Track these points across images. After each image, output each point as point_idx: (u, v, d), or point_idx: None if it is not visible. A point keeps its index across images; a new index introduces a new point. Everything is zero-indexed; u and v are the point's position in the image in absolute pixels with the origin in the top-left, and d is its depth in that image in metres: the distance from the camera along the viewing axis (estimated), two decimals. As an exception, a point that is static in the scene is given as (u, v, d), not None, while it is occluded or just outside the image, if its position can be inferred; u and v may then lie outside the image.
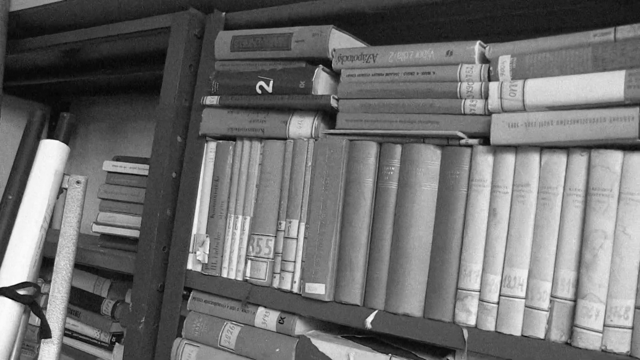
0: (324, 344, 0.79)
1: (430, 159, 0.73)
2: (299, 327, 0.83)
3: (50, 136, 0.92)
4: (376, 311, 0.75)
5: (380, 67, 0.77)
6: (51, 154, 0.90)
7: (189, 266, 0.93)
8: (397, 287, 0.74)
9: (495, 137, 0.68)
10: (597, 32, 0.65)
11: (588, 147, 0.65)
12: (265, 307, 0.85)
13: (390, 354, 0.75)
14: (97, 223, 1.16)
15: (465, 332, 0.69)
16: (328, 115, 0.83)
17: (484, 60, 0.72)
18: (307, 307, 0.80)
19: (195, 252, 0.93)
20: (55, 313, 0.88)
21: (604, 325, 0.63)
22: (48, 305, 0.88)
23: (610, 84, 0.62)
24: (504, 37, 0.70)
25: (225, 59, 0.92)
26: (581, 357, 0.63)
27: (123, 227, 1.14)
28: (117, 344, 1.17)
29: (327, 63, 0.83)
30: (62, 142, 0.92)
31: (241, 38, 0.90)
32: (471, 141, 0.71)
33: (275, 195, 0.85)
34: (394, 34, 0.91)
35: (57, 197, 0.91)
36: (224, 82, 0.91)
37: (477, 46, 0.71)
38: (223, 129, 0.91)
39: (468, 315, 0.69)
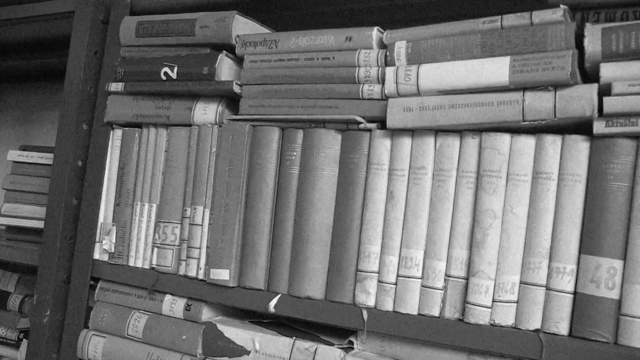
0: (230, 330, 0.79)
1: (330, 143, 0.74)
2: (206, 314, 0.83)
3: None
4: (279, 295, 0.76)
5: (282, 53, 0.78)
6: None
7: (96, 256, 0.92)
8: (300, 270, 0.74)
9: (391, 121, 0.69)
10: (486, 20, 0.67)
11: (479, 130, 0.67)
12: (172, 294, 0.85)
13: (294, 337, 0.76)
14: (1, 215, 1.12)
15: (364, 313, 0.70)
16: (233, 101, 0.83)
17: (382, 46, 0.73)
18: (212, 293, 0.80)
19: (101, 242, 0.91)
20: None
21: (493, 301, 0.65)
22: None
23: (496, 69, 0.64)
24: (403, 25, 0.72)
25: (130, 45, 0.91)
26: (472, 332, 0.65)
27: (30, 218, 1.10)
28: (24, 340, 1.13)
29: (231, 49, 0.82)
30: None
31: (146, 24, 0.89)
32: (369, 125, 0.72)
33: (181, 182, 0.85)
34: (299, 20, 0.92)
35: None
36: (129, 69, 0.89)
37: (375, 32, 0.73)
38: (129, 116, 0.89)
39: (367, 296, 0.71)
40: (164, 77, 0.85)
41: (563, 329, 0.63)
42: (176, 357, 0.81)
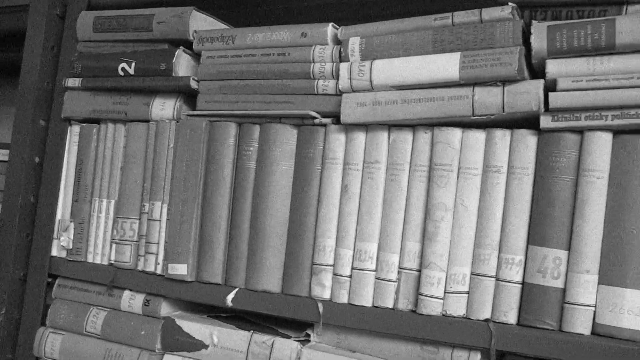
0: (188, 324, 0.79)
1: (286, 138, 0.75)
2: (165, 309, 0.83)
3: None
4: (237, 289, 0.76)
5: (239, 49, 0.78)
6: None
7: (54, 252, 0.91)
8: (257, 264, 0.75)
9: (345, 116, 0.70)
10: (438, 17, 0.68)
11: (431, 125, 0.68)
12: (130, 290, 0.84)
13: (252, 331, 0.76)
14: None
15: (320, 305, 0.71)
16: (190, 97, 0.83)
17: (337, 42, 0.74)
18: (171, 288, 0.80)
19: (59, 238, 0.90)
20: None
21: (445, 292, 0.67)
22: None
23: (447, 65, 0.65)
24: (357, 22, 0.73)
25: (88, 40, 0.90)
26: (425, 323, 0.67)
27: (-13, 215, 1.09)
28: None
29: (189, 45, 0.83)
30: None
31: (103, 19, 0.88)
32: (324, 120, 0.73)
33: (139, 177, 0.84)
34: (257, 16, 0.92)
35: None
36: (86, 64, 0.89)
37: (329, 28, 0.73)
38: (86, 111, 0.89)
39: (323, 289, 0.72)
40: (121, 73, 0.85)
41: (512, 318, 0.65)
42: (135, 353, 0.81)
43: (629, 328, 0.60)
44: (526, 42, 0.64)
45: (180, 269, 0.79)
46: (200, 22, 0.83)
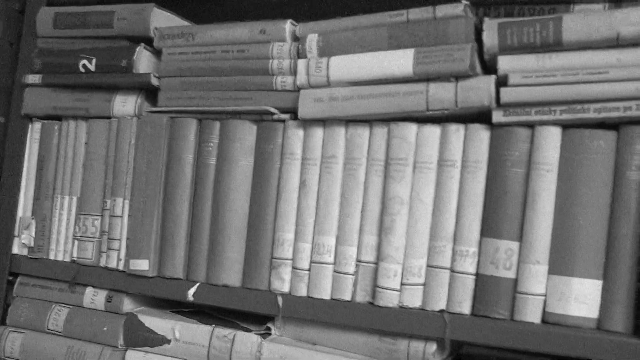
0: (150, 320, 0.80)
1: (246, 134, 0.76)
2: (128, 305, 0.83)
3: None
4: (198, 284, 0.77)
5: (199, 46, 0.79)
6: None
7: (15, 250, 0.91)
8: (217, 259, 0.76)
9: (303, 112, 0.71)
10: (393, 14, 0.69)
11: (387, 120, 0.69)
12: (93, 286, 0.84)
13: (213, 325, 0.77)
14: None
15: (279, 299, 0.72)
16: (152, 94, 0.84)
17: (295, 38, 0.75)
18: (133, 283, 0.80)
19: (20, 236, 0.90)
20: None
21: (401, 284, 0.68)
22: None
23: (401, 61, 0.67)
24: (316, 19, 0.74)
25: (48, 36, 0.90)
26: (382, 314, 0.68)
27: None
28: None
29: (149, 41, 0.83)
30: None
31: (63, 15, 0.88)
32: (283, 116, 0.74)
33: (101, 174, 0.84)
34: (218, 13, 0.92)
35: None
36: (46, 60, 0.89)
37: (288, 25, 0.74)
38: (47, 108, 0.89)
39: (282, 282, 0.73)
40: (82, 69, 0.85)
41: (466, 308, 0.66)
42: (97, 349, 0.82)
43: (576, 315, 0.62)
44: (479, 39, 0.66)
45: (141, 265, 0.79)
46: (161, 19, 0.83)
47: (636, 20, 0.59)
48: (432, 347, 0.67)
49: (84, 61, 0.85)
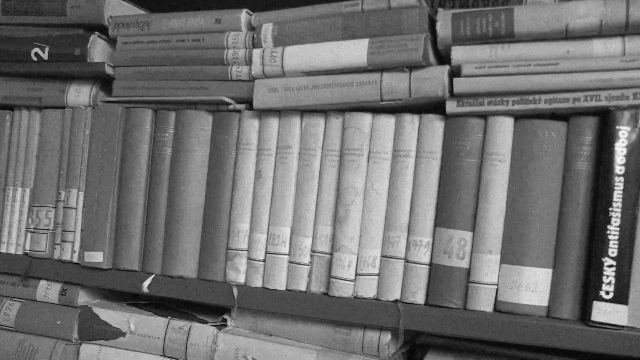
0: (105, 312, 0.79)
1: (201, 124, 0.75)
2: (83, 298, 0.82)
3: None
4: (153, 275, 0.76)
5: (154, 35, 0.77)
6: None
7: (-34, 244, 0.88)
8: (172, 250, 0.75)
9: (258, 102, 0.70)
10: (348, 3, 0.69)
11: (342, 110, 0.69)
12: (46, 279, 0.83)
13: (169, 317, 0.76)
14: None
15: (235, 290, 0.72)
16: (107, 83, 0.82)
17: (251, 28, 0.74)
18: (87, 276, 0.79)
19: (-28, 228, 0.88)
20: None
21: (356, 274, 0.68)
22: None
23: (356, 51, 0.66)
24: (272, 8, 0.73)
25: (-2, 24, 0.88)
26: (337, 305, 0.68)
27: None
28: None
29: (104, 30, 0.81)
30: None
31: (14, 1, 0.86)
32: (238, 106, 0.73)
33: (55, 165, 0.83)
34: (174, 1, 0.91)
35: None
36: (-3, 49, 0.87)
37: (243, 14, 0.74)
38: (-1, 97, 0.87)
39: (238, 274, 0.72)
40: (34, 58, 0.83)
41: (420, 298, 0.66)
42: (50, 343, 0.80)
43: (526, 304, 0.63)
44: (434, 30, 0.66)
45: (96, 257, 0.78)
46: (115, 7, 0.82)
47: (583, 13, 0.60)
48: (387, 336, 0.67)
49: (37, 49, 0.83)
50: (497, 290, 0.65)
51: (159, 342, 0.75)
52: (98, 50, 0.81)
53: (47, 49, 0.82)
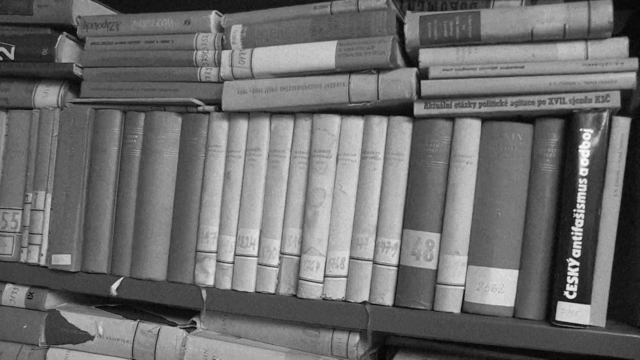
0: (73, 316, 0.78)
1: (171, 126, 0.75)
2: (51, 301, 0.81)
3: None
4: (122, 278, 0.75)
5: (123, 36, 0.77)
6: None
7: None
8: (141, 253, 0.74)
9: (226, 104, 0.70)
10: (317, 5, 0.69)
11: (311, 112, 0.69)
12: (13, 283, 0.82)
13: (138, 320, 0.76)
14: None
15: (203, 292, 0.72)
16: (76, 84, 0.81)
17: (220, 29, 0.74)
18: (55, 279, 0.78)
19: (-62, 231, 0.86)
20: None
21: (324, 276, 0.68)
22: None
23: (324, 53, 0.67)
24: (241, 10, 0.73)
25: (-37, 23, 0.86)
26: (305, 307, 0.68)
27: None
28: None
29: (73, 30, 0.81)
30: None
31: (-20, 1, 0.85)
32: (208, 108, 0.73)
33: (22, 166, 0.82)
34: (144, 2, 0.91)
35: None
36: (-36, 49, 0.85)
37: (213, 15, 0.73)
38: (-35, 98, 0.85)
39: (207, 276, 0.72)
40: (0, 58, 0.82)
41: (388, 299, 0.67)
42: (15, 348, 0.79)
43: (493, 304, 0.64)
44: (402, 32, 0.66)
45: (64, 260, 0.77)
46: (84, 7, 0.81)
47: (548, 18, 0.61)
48: (355, 338, 0.68)
49: (2, 49, 0.82)
50: (464, 291, 0.65)
51: (128, 345, 0.75)
52: (66, 50, 0.80)
53: (13, 49, 0.81)
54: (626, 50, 0.61)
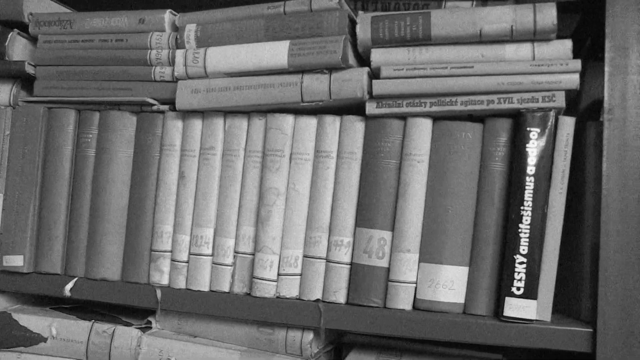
0: (25, 318, 0.77)
1: (125, 125, 0.74)
2: (2, 303, 0.80)
3: None
4: (76, 279, 0.75)
5: (77, 34, 0.76)
6: None
7: None
8: (96, 253, 0.74)
9: (180, 103, 0.70)
10: (270, 5, 0.69)
11: (265, 111, 0.70)
12: (-37, 286, 0.81)
13: (93, 321, 0.75)
14: None
15: (158, 292, 0.71)
16: (29, 82, 0.80)
17: (175, 28, 0.74)
18: (6, 281, 0.77)
19: None
20: None
21: (278, 275, 0.68)
22: None
23: (277, 53, 0.67)
24: (196, 9, 0.73)
25: None
26: (259, 305, 0.68)
27: None
28: None
29: (25, 27, 0.80)
30: None
31: None
32: (162, 107, 0.73)
33: (-26, 166, 0.81)
34: (99, 1, 0.90)
35: None
36: None
37: (167, 14, 0.73)
38: None
39: (161, 275, 0.72)
40: (-50, 56, 0.81)
41: (341, 297, 0.67)
42: (-35, 351, 0.78)
43: (444, 301, 0.64)
44: (354, 32, 0.67)
45: (16, 261, 0.76)
46: (36, 4, 0.80)
47: (495, 19, 0.62)
48: (309, 336, 0.68)
49: (-47, 47, 0.80)
50: (416, 288, 0.66)
51: (82, 347, 0.74)
52: (18, 48, 0.79)
53: (-37, 46, 0.80)
54: (570, 51, 0.62)
